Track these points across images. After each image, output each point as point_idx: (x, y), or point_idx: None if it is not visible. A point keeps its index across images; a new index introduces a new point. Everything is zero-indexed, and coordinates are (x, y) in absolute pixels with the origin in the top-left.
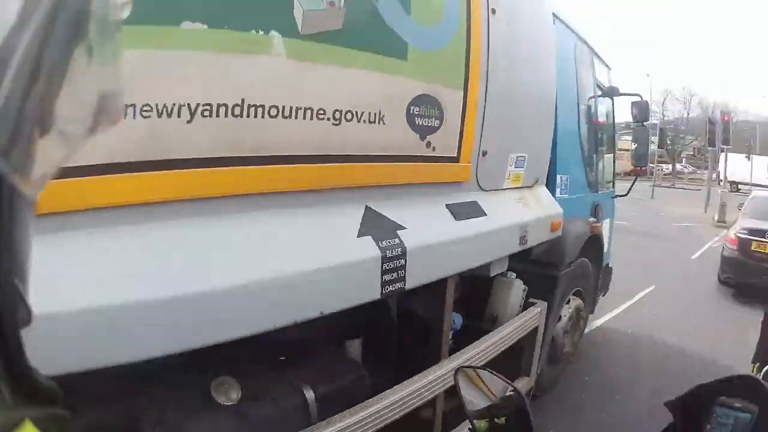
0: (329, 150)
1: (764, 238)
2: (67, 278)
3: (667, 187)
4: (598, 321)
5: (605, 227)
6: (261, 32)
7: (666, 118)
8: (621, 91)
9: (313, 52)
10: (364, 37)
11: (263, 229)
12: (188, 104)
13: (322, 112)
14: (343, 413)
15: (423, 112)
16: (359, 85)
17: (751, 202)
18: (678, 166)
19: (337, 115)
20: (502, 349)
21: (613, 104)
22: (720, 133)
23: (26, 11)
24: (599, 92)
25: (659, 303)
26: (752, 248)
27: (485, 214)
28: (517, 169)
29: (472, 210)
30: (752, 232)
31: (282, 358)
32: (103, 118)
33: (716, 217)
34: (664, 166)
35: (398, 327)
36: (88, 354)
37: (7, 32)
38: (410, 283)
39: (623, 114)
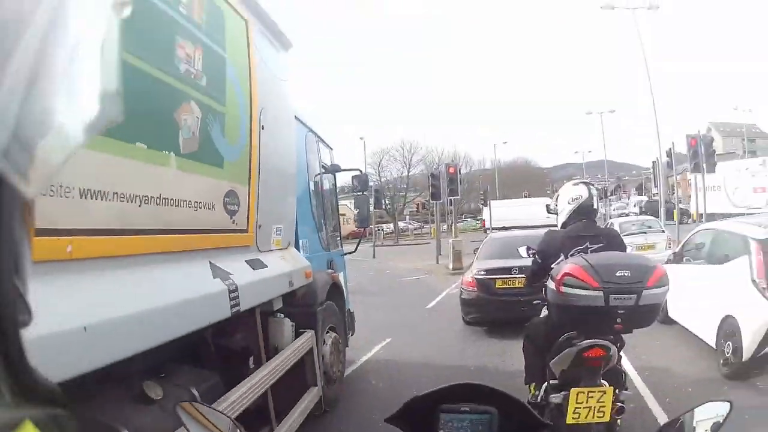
0: (193, 225)
1: (510, 274)
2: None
3: (391, 245)
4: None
5: (341, 278)
6: (166, 152)
7: (384, 179)
8: (342, 167)
9: (185, 164)
10: (205, 154)
11: (173, 273)
12: (139, 195)
13: (190, 202)
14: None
15: (230, 201)
16: (204, 185)
17: (487, 244)
18: (401, 224)
19: (197, 204)
20: (289, 365)
21: (335, 178)
22: (446, 186)
23: (26, 11)
24: (324, 170)
25: (398, 352)
26: (497, 286)
27: (266, 266)
28: (278, 236)
29: (259, 263)
30: (495, 271)
31: (162, 375)
32: (103, 117)
33: (451, 266)
34: (385, 225)
35: (217, 353)
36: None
37: (7, 32)
38: (243, 307)
39: (347, 179)
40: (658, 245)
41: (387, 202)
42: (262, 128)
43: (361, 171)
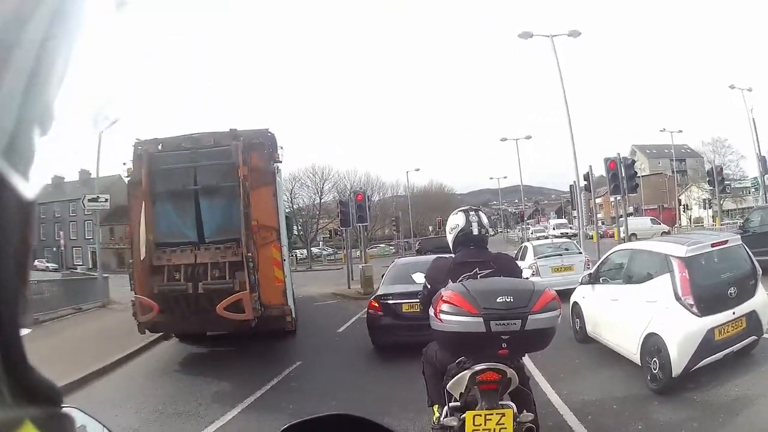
0: None
1: (416, 298)
2: None
3: (304, 270)
4: (250, 397)
5: None
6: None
7: (297, 206)
8: None
9: None
10: None
11: None
12: None
13: None
14: None
15: None
16: None
17: (394, 269)
18: (315, 250)
19: None
20: None
21: None
22: (355, 213)
23: (26, 12)
24: None
25: (307, 376)
26: (404, 310)
27: None
28: None
29: None
30: (400, 295)
31: None
32: (103, 117)
33: (362, 291)
34: (298, 251)
35: None
36: None
37: (7, 32)
38: None
39: None
40: (576, 266)
41: (299, 228)
42: None
43: None
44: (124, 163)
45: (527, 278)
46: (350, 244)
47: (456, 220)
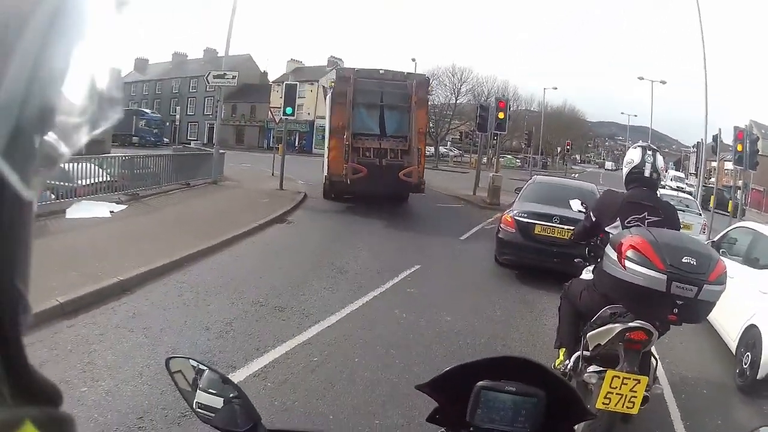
0: None
1: (551, 222)
2: None
3: (430, 168)
4: (361, 299)
5: None
6: None
7: (431, 102)
8: None
9: None
10: None
11: None
12: None
13: None
14: None
15: None
16: None
17: (532, 186)
18: (442, 149)
19: None
20: None
21: None
22: (494, 120)
23: (26, 11)
24: None
25: (425, 282)
26: (536, 231)
27: None
28: None
29: None
30: (535, 215)
31: None
32: (103, 116)
33: (488, 200)
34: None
35: None
36: None
37: (7, 31)
38: None
39: None
40: (694, 227)
41: (431, 125)
42: None
43: None
44: (331, 81)
45: None
46: (481, 150)
47: (633, 155)
